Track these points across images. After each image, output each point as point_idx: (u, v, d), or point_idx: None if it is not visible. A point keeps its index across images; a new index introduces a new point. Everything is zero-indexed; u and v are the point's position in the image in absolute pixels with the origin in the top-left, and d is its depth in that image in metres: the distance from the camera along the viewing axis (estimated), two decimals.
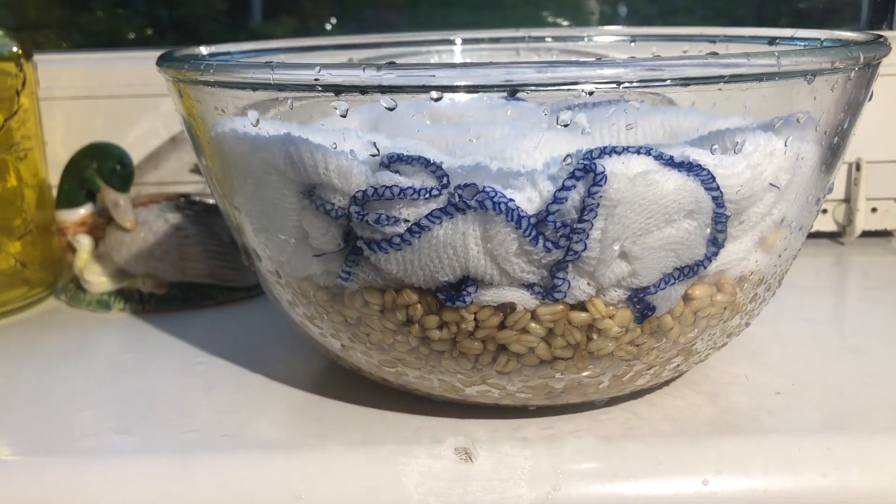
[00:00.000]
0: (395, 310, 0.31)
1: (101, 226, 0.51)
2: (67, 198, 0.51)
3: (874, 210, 0.61)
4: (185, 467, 0.32)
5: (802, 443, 0.32)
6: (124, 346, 0.45)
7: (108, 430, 0.35)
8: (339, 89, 0.27)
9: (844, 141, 0.33)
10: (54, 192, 0.52)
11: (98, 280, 0.51)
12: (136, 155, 0.58)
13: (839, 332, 0.46)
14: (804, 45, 0.40)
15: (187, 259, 0.50)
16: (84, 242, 0.51)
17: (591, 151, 0.28)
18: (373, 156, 0.29)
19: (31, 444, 0.34)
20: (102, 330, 0.47)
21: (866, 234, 0.61)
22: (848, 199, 0.60)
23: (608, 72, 0.26)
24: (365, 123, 0.40)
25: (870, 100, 0.33)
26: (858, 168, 0.59)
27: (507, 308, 0.30)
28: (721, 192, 0.29)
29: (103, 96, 0.62)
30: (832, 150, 0.33)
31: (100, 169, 0.50)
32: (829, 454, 0.32)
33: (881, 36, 0.33)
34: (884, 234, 0.62)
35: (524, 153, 0.31)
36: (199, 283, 0.51)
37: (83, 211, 0.51)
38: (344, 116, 0.28)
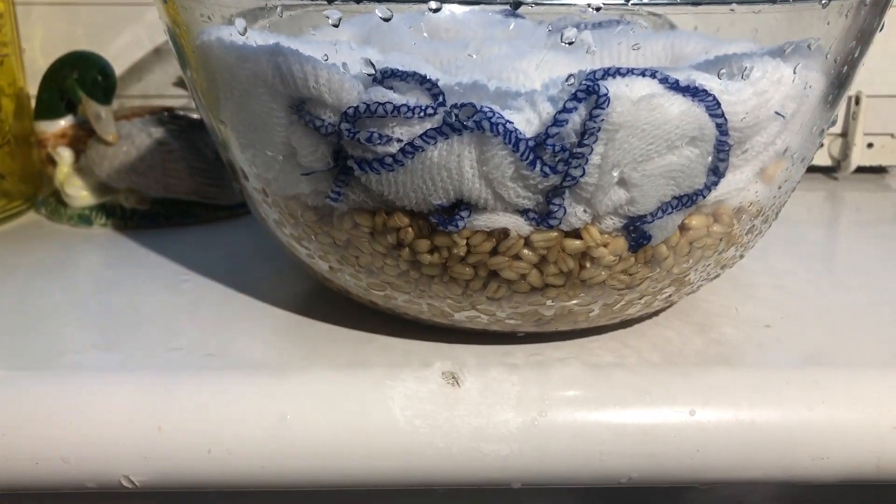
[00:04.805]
0: (385, 233, 0.30)
1: (83, 138, 0.49)
2: (47, 108, 0.50)
3: (870, 146, 0.60)
4: (169, 385, 0.32)
5: (790, 376, 0.32)
6: (106, 262, 0.44)
7: (89, 347, 0.34)
8: None
9: (853, 71, 0.32)
10: (33, 103, 0.50)
11: (79, 194, 0.49)
12: (119, 66, 0.56)
13: (829, 268, 0.46)
14: None
15: (171, 175, 0.49)
16: (65, 155, 0.49)
17: (595, 72, 0.27)
18: (369, 75, 0.28)
19: (12, 359, 0.34)
20: (84, 245, 0.46)
21: (861, 169, 0.60)
22: (845, 134, 0.60)
23: None
24: (356, 37, 0.38)
25: (881, 30, 0.32)
26: (858, 102, 0.58)
27: (501, 234, 0.29)
28: (726, 120, 0.28)
29: (85, 3, 0.59)
30: (839, 81, 0.32)
31: (81, 79, 0.49)
32: (817, 387, 0.32)
33: None
34: (879, 170, 0.61)
35: (523, 73, 0.30)
36: (182, 200, 0.49)
37: (63, 122, 0.50)
38: (336, 26, 0.26)
